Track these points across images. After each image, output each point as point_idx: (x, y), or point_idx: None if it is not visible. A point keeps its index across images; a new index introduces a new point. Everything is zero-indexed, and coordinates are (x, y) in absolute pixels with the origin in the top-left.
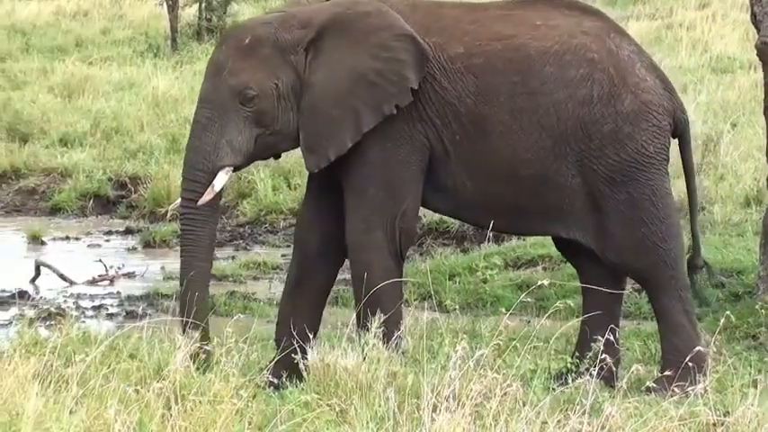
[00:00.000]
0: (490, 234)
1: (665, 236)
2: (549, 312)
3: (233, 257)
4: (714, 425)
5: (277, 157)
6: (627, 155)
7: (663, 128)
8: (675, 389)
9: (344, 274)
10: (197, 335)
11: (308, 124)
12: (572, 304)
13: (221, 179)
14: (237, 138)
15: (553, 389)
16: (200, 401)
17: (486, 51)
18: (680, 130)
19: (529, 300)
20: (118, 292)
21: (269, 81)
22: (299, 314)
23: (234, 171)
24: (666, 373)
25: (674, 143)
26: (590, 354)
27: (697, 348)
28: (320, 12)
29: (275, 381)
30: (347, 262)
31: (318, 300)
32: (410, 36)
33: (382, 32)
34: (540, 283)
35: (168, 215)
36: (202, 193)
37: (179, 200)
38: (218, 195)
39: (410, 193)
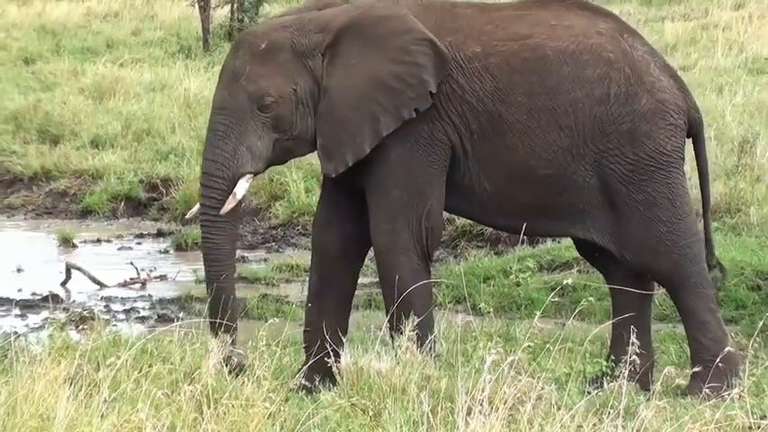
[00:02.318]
0: (524, 236)
1: (685, 234)
2: (577, 311)
3: (265, 260)
4: (750, 428)
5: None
6: (645, 153)
7: (679, 126)
8: (708, 390)
9: (376, 276)
10: (230, 339)
11: (325, 129)
12: (607, 306)
13: (242, 186)
14: (257, 144)
15: (588, 392)
16: (232, 405)
17: (502, 51)
18: (695, 129)
19: (563, 301)
20: (149, 296)
21: (287, 87)
22: (327, 318)
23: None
24: (696, 369)
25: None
26: (625, 357)
27: (727, 348)
28: (338, 15)
29: (308, 384)
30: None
31: (344, 301)
32: (430, 40)
33: (402, 36)
34: (565, 282)
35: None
36: (222, 201)
37: (197, 205)
38: (239, 202)
39: (434, 193)
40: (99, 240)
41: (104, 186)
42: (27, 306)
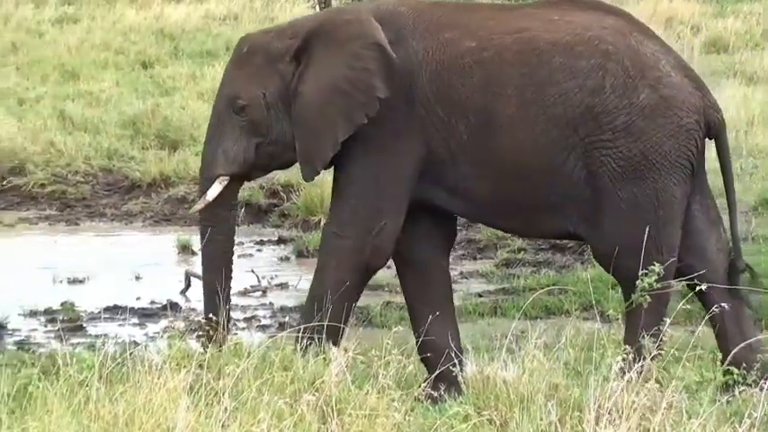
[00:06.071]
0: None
1: (661, 246)
2: (706, 317)
3: (388, 267)
4: None
5: (287, 166)
6: (638, 150)
7: (684, 126)
8: None
9: (502, 283)
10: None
11: (299, 135)
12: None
13: (215, 188)
14: (232, 147)
15: (720, 401)
16: (356, 415)
17: (496, 45)
18: (714, 130)
19: (693, 308)
20: (270, 303)
21: (257, 91)
22: (434, 323)
23: (246, 180)
24: None
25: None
26: (755, 364)
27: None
28: (310, 20)
29: (433, 393)
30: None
31: (444, 300)
32: (378, 44)
33: (355, 41)
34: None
35: (322, 223)
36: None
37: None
38: (225, 204)
39: (391, 212)
40: None
41: None
42: (146, 315)
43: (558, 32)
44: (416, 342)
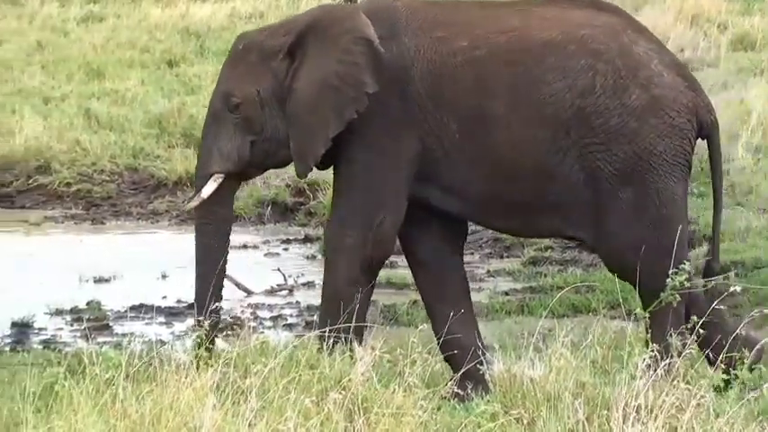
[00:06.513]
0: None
1: (668, 245)
2: (744, 323)
3: None
4: None
5: (283, 165)
6: (633, 152)
7: (676, 126)
8: None
9: (529, 281)
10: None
11: (293, 131)
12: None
13: (209, 186)
14: (227, 145)
15: (748, 399)
16: (383, 414)
17: (489, 44)
18: (706, 130)
19: (722, 307)
20: (297, 302)
21: (251, 88)
22: (455, 321)
23: (243, 179)
24: None
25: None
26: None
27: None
28: (303, 17)
29: (460, 392)
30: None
31: (462, 298)
32: (366, 39)
33: (345, 36)
34: (732, 289)
35: None
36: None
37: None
38: (221, 202)
39: (389, 206)
40: (245, 246)
41: (250, 191)
42: (172, 313)
43: (551, 31)
44: (437, 341)
